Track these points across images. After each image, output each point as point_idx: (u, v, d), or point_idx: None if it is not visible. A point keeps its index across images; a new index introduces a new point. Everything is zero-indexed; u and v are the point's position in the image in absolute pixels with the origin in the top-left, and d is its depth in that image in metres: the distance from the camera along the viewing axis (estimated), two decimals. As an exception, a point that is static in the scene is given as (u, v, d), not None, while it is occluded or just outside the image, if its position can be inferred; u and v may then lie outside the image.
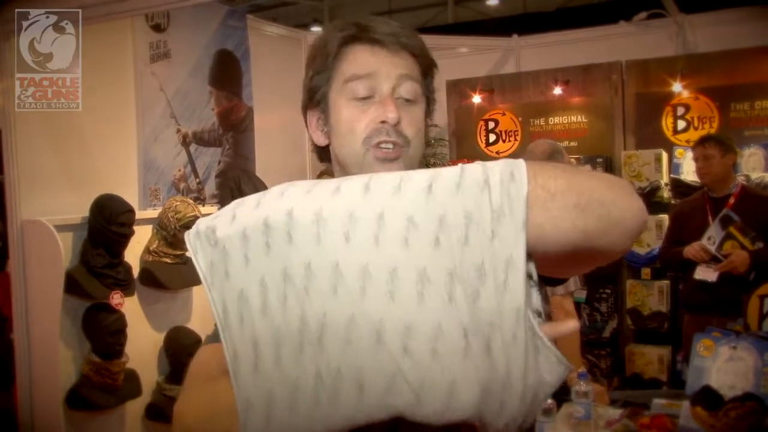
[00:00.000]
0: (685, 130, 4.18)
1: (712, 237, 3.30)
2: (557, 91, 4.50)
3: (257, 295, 0.65)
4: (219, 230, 0.67)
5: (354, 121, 0.94)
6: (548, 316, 0.67)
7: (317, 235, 0.64)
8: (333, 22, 0.99)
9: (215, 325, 0.67)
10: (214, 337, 0.70)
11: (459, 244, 0.64)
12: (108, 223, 2.77)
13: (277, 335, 0.64)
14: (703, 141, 3.43)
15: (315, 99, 0.98)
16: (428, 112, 1.02)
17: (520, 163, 0.68)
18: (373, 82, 0.93)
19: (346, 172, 0.96)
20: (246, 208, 0.68)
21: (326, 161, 1.02)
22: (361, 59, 0.94)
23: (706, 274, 3.29)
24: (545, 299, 0.68)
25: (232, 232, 0.66)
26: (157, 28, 3.38)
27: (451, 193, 0.65)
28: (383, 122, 0.92)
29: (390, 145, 0.92)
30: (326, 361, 0.63)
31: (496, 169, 0.67)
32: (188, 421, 0.72)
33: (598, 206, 0.69)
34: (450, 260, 0.63)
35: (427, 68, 0.98)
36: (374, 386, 0.63)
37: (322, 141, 1.00)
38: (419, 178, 0.66)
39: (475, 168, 0.68)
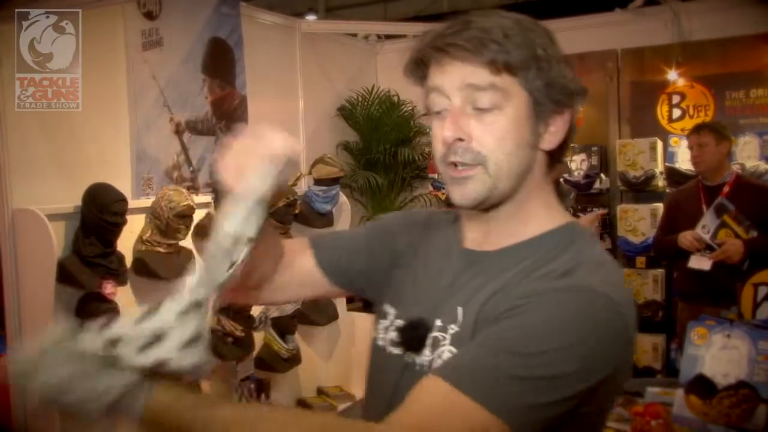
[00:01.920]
0: (681, 118, 4.17)
1: (706, 225, 3.29)
2: (552, 79, 4.48)
3: None
4: None
5: (436, 138, 0.92)
6: None
7: None
8: (426, 31, 0.93)
9: None
10: None
11: None
12: (100, 212, 2.75)
13: None
14: (697, 129, 3.42)
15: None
16: (539, 113, 0.92)
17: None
18: (442, 96, 0.90)
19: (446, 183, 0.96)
20: None
21: None
22: (433, 72, 0.92)
23: (700, 262, 3.29)
24: None
25: None
26: (149, 16, 3.34)
27: None
28: None
29: (460, 165, 0.89)
30: None
31: None
32: None
33: None
34: None
35: (519, 65, 0.88)
36: None
37: None
38: None
39: None
